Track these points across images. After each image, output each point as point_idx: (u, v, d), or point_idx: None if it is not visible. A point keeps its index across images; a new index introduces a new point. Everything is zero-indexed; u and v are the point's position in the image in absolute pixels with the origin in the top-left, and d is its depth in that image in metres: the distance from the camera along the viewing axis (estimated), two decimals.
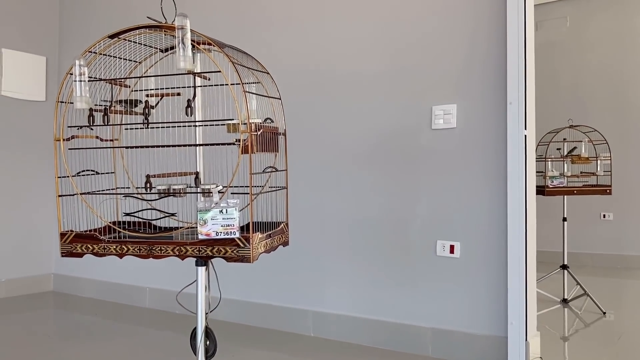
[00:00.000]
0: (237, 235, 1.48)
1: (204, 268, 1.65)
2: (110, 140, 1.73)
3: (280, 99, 1.85)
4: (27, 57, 4.19)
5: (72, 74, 1.54)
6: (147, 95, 1.66)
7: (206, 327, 1.68)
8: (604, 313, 3.67)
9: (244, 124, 1.52)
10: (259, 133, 1.58)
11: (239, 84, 1.51)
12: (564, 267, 3.90)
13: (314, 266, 3.12)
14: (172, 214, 1.63)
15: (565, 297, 3.97)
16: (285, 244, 1.75)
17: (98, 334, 3.13)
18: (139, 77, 1.62)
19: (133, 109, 1.72)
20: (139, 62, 1.78)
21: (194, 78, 1.66)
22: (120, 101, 1.72)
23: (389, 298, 2.89)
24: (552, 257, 5.81)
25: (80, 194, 1.54)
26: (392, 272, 2.88)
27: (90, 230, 1.60)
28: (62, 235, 1.57)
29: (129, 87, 1.72)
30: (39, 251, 4.26)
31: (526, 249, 2.53)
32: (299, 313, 3.14)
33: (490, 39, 2.64)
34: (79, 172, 1.66)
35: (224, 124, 1.63)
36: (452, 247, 2.72)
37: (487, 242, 2.64)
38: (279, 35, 3.27)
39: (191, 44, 1.58)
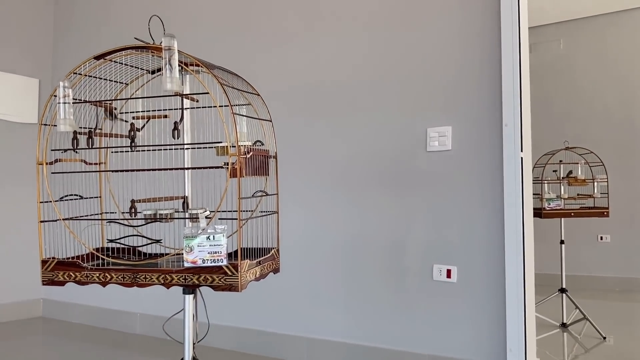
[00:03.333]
0: (225, 262, 1.42)
1: (191, 296, 1.59)
2: (96, 163, 1.69)
3: (271, 121, 1.81)
4: (20, 80, 4.16)
5: (56, 96, 1.50)
6: (134, 118, 1.62)
7: (194, 358, 1.61)
8: (604, 337, 3.60)
9: (233, 146, 1.48)
10: (248, 156, 1.53)
11: (228, 105, 1.47)
12: (562, 290, 3.84)
13: (307, 291, 3.06)
14: (158, 241, 1.58)
15: (564, 322, 3.90)
16: (276, 271, 1.69)
17: None
18: (126, 99, 1.58)
19: (115, 118, 1.67)
20: (126, 84, 1.74)
21: (182, 100, 1.62)
22: (106, 116, 1.67)
23: (384, 324, 2.82)
24: (549, 279, 5.75)
25: (63, 219, 1.49)
26: (387, 298, 2.82)
27: (73, 258, 1.54)
28: (44, 262, 1.51)
29: (116, 109, 1.68)
30: (27, 276, 4.18)
31: (524, 273, 2.48)
32: (292, 340, 3.07)
33: (485, 61, 2.62)
34: (63, 197, 1.61)
35: (213, 147, 1.58)
36: (449, 271, 2.66)
37: (484, 266, 2.58)
38: (270, 57, 3.25)
39: (179, 65, 1.54)
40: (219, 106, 1.50)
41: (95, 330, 3.76)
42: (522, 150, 2.51)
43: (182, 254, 1.48)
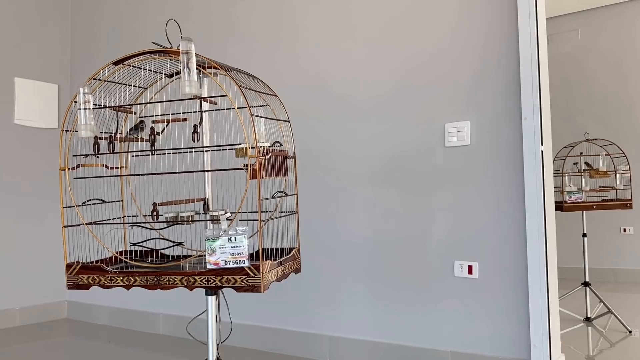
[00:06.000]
0: (247, 264, 1.43)
1: (214, 297, 1.60)
2: (117, 168, 1.70)
3: (289, 121, 1.81)
4: (40, 86, 4.21)
5: (76, 102, 1.52)
6: (153, 122, 1.63)
7: (217, 359, 1.63)
8: (630, 331, 3.55)
9: (252, 148, 1.48)
10: (267, 157, 1.54)
11: (246, 107, 1.48)
12: (585, 284, 3.79)
13: (328, 289, 3.06)
14: (180, 243, 1.59)
15: (589, 316, 3.85)
16: (297, 271, 1.70)
17: None
18: (145, 104, 1.59)
19: (140, 134, 1.69)
20: (145, 88, 1.76)
21: (201, 103, 1.63)
22: (131, 129, 1.69)
23: (406, 321, 2.81)
24: (572, 273, 5.69)
25: (86, 224, 1.51)
26: (409, 295, 2.81)
27: (97, 261, 1.56)
28: (68, 267, 1.53)
29: (135, 113, 1.69)
30: (52, 279, 4.24)
31: (547, 268, 2.46)
32: (314, 338, 3.07)
33: (502, 54, 2.59)
34: (85, 202, 1.63)
35: (232, 149, 1.59)
36: (470, 267, 2.64)
37: (506, 262, 2.56)
38: (287, 57, 3.25)
39: (197, 68, 1.55)
40: (237, 108, 1.51)
41: (119, 331, 3.81)
42: (542, 144, 2.48)
43: (204, 256, 1.49)
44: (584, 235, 3.82)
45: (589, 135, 5.69)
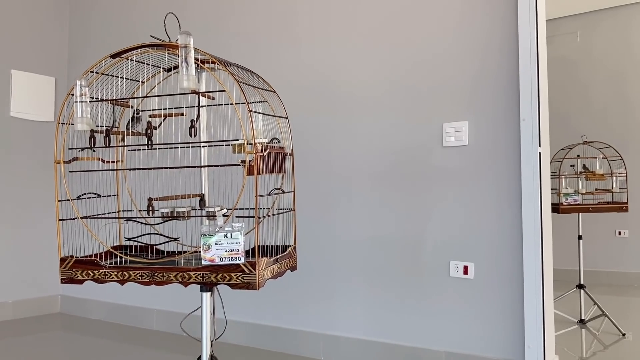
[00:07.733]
0: (242, 260, 1.42)
1: (208, 294, 1.59)
2: (113, 162, 1.69)
3: (287, 118, 1.80)
4: (36, 78, 4.19)
5: (73, 95, 1.50)
6: (150, 116, 1.62)
7: (211, 356, 1.62)
8: (623, 334, 3.55)
9: (250, 144, 1.47)
10: (265, 153, 1.53)
11: (244, 103, 1.47)
12: (580, 286, 3.80)
13: (324, 288, 3.05)
14: (175, 239, 1.58)
15: (583, 318, 3.86)
16: (293, 268, 1.69)
17: (105, 357, 3.06)
18: (142, 97, 1.58)
19: (137, 125, 1.67)
20: (142, 82, 1.74)
21: (198, 98, 1.61)
22: (128, 123, 1.68)
23: (401, 321, 2.81)
24: (566, 275, 5.69)
25: (81, 218, 1.49)
26: (404, 294, 2.80)
27: (92, 256, 1.54)
28: (62, 260, 1.51)
29: (132, 107, 1.68)
30: (46, 273, 4.22)
31: (543, 269, 2.45)
32: (310, 336, 3.07)
33: (501, 55, 2.59)
34: (81, 195, 1.61)
35: (229, 145, 1.58)
36: (465, 267, 2.64)
37: (502, 263, 2.56)
38: (286, 54, 3.24)
39: (195, 62, 1.54)
40: (236, 103, 1.50)
41: (112, 326, 3.79)
42: (540, 145, 2.48)
43: (200, 252, 1.48)
44: (580, 237, 3.83)
45: (586, 138, 5.69)
